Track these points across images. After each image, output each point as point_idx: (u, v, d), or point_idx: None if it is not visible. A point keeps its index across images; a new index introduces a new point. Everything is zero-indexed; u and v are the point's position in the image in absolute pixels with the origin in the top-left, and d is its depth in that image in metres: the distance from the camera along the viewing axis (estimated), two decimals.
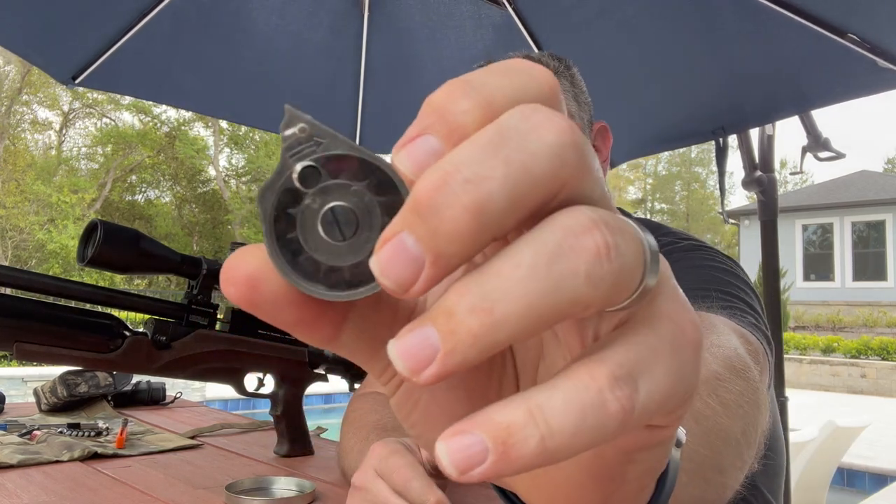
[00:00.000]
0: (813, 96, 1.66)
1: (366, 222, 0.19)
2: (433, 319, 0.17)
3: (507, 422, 0.17)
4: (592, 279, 0.17)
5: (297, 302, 0.19)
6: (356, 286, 0.19)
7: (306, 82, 2.06)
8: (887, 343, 11.27)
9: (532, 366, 0.25)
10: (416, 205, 0.17)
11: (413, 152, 0.18)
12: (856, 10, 1.42)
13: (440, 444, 0.17)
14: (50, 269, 16.16)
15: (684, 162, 31.03)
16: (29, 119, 20.03)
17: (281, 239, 0.19)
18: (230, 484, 0.77)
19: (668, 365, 0.19)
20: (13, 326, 0.77)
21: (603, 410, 0.17)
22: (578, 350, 0.22)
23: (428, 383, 0.17)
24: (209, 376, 0.95)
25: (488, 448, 0.17)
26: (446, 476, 0.51)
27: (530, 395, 0.18)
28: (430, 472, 0.63)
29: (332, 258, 0.19)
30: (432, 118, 0.18)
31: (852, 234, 16.17)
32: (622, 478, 0.23)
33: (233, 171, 22.69)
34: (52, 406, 1.29)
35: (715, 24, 1.58)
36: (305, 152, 0.19)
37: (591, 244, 0.17)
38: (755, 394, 0.52)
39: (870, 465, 5.21)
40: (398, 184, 0.19)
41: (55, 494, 0.77)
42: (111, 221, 0.86)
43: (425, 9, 1.82)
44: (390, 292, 0.17)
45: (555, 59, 1.00)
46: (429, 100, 0.19)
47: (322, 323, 0.20)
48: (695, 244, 0.96)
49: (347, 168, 0.19)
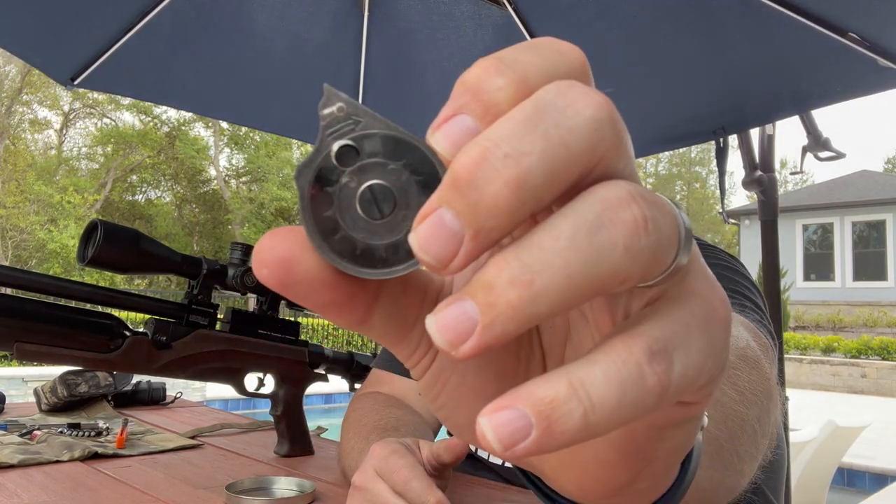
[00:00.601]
0: (813, 96, 1.66)
1: (403, 201, 0.19)
2: (472, 293, 0.17)
3: (551, 396, 0.17)
4: (631, 251, 0.17)
5: (330, 283, 0.19)
6: (392, 264, 0.19)
7: (306, 83, 2.06)
8: (887, 343, 11.26)
9: (559, 347, 0.25)
10: (456, 180, 0.17)
11: (449, 131, 0.18)
12: (856, 10, 1.42)
13: (483, 419, 0.17)
14: (50, 269, 16.16)
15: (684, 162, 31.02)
16: (29, 119, 20.03)
17: (318, 217, 0.19)
18: (230, 484, 0.77)
19: (700, 340, 0.19)
20: (13, 326, 0.77)
21: (642, 384, 0.17)
22: (609, 328, 0.22)
23: (466, 357, 0.17)
24: (209, 376, 0.95)
25: (532, 423, 0.17)
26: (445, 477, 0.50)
27: (571, 370, 0.18)
28: (431, 472, 0.63)
29: (368, 236, 0.19)
30: (466, 97, 0.18)
31: (852, 233, 16.16)
32: (651, 455, 0.23)
33: (233, 171, 22.70)
34: (53, 406, 1.29)
35: (715, 23, 1.58)
36: (343, 131, 0.19)
37: (629, 217, 0.17)
38: (767, 383, 0.52)
39: (870, 465, 5.20)
40: (436, 163, 0.19)
41: (55, 494, 0.77)
42: (111, 221, 0.86)
43: (425, 9, 1.82)
44: (430, 268, 0.17)
45: None
46: (462, 79, 0.19)
47: (353, 305, 0.21)
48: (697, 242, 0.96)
49: (385, 147, 0.19)
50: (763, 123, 1.94)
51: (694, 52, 1.69)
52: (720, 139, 1.90)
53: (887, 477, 4.95)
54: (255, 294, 0.99)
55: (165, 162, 21.15)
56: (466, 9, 1.80)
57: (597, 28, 1.70)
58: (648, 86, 1.83)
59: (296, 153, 21.43)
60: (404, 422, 0.86)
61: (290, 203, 20.50)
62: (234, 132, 21.36)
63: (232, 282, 0.95)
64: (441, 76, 1.96)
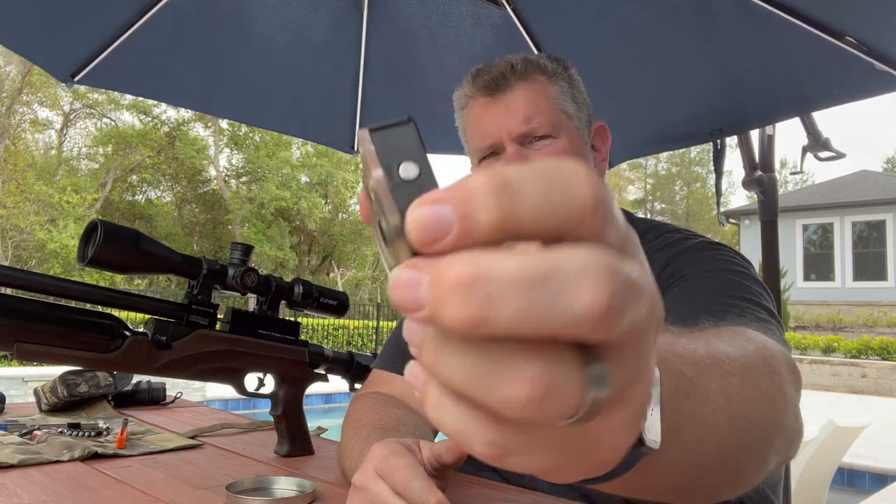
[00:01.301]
0: (811, 99, 1.66)
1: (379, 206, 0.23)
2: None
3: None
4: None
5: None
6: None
7: (306, 81, 2.06)
8: (887, 343, 11.26)
9: None
10: (440, 279, 0.20)
11: (425, 215, 0.21)
12: (853, 14, 1.42)
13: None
14: (50, 269, 16.16)
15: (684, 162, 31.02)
16: (29, 119, 20.03)
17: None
18: (230, 484, 0.77)
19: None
20: (13, 326, 0.77)
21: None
22: None
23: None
24: (209, 376, 0.95)
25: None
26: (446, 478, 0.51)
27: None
28: (431, 472, 0.63)
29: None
30: (457, 200, 0.20)
31: (852, 233, 16.16)
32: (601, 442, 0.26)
33: (233, 171, 22.69)
34: (53, 406, 1.29)
35: (714, 25, 1.58)
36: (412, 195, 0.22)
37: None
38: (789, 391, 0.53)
39: (870, 465, 5.20)
40: (399, 215, 0.22)
41: (55, 494, 0.77)
42: (111, 221, 0.86)
43: (424, 8, 1.82)
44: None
45: (553, 61, 1.01)
46: (468, 180, 0.21)
47: None
48: (707, 243, 0.95)
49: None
50: (761, 126, 1.95)
51: (692, 53, 1.69)
52: (717, 141, 1.90)
53: (887, 477, 4.95)
54: (255, 294, 0.99)
55: (165, 162, 21.14)
56: (465, 8, 1.80)
57: (596, 28, 1.70)
58: (647, 85, 1.83)
59: (296, 153, 21.43)
60: (404, 422, 0.86)
61: (290, 203, 20.50)
62: (234, 132, 21.36)
63: (232, 282, 0.95)
64: (440, 75, 1.96)
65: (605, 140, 1.06)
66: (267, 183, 20.39)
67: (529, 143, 0.96)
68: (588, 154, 1.01)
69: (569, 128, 0.97)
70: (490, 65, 0.99)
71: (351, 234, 23.10)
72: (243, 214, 20.40)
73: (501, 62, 0.98)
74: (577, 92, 1.01)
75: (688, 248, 0.93)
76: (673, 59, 1.72)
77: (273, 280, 1.00)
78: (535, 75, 0.97)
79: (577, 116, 0.99)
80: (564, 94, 0.98)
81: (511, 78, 0.96)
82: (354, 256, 23.58)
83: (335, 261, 23.44)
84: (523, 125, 0.95)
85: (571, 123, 0.98)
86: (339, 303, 1.08)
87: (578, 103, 1.01)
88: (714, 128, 1.83)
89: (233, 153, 22.49)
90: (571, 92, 1.00)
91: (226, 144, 22.01)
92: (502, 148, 0.96)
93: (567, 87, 0.99)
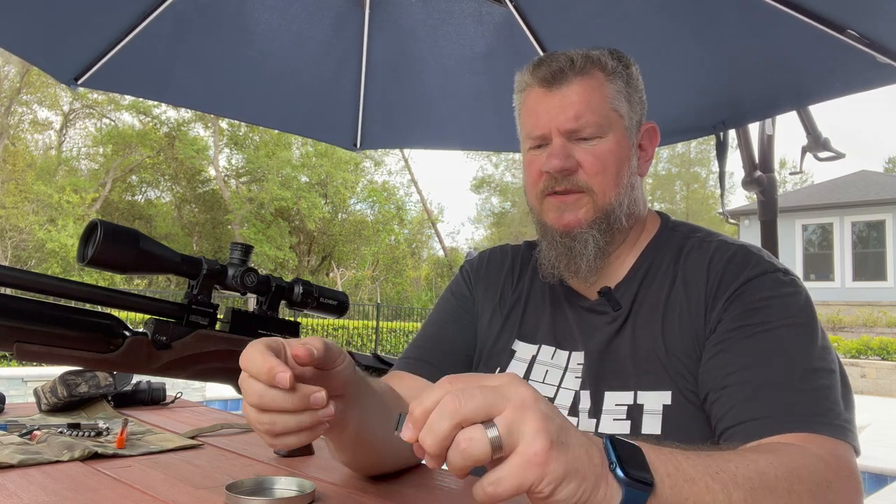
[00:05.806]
0: (813, 91, 1.66)
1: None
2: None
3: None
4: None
5: None
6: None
7: (308, 80, 2.06)
8: (887, 343, 11.26)
9: None
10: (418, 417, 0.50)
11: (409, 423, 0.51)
12: (855, 7, 1.42)
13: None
14: (50, 268, 16.15)
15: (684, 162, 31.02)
16: (29, 119, 20.02)
17: None
18: (230, 484, 0.77)
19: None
20: (13, 326, 0.77)
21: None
22: None
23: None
24: (209, 376, 0.95)
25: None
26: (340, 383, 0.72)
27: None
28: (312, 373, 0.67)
29: None
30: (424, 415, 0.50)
31: (852, 234, 16.16)
32: None
33: (232, 171, 22.69)
34: (53, 406, 1.29)
35: (715, 19, 1.58)
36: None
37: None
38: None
39: (870, 465, 5.20)
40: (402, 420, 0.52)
41: (55, 494, 0.77)
42: (111, 221, 0.86)
43: (426, 7, 1.82)
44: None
45: (615, 58, 1.01)
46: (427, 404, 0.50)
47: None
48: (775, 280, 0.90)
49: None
50: (763, 118, 1.95)
51: (694, 47, 1.69)
52: (720, 133, 1.90)
53: (887, 477, 4.95)
54: (254, 294, 0.99)
55: (165, 162, 21.14)
56: (467, 6, 1.80)
57: (597, 24, 1.70)
58: (649, 81, 1.82)
59: (295, 153, 21.43)
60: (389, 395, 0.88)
61: (289, 203, 20.50)
62: (234, 132, 21.35)
63: (232, 282, 0.95)
64: (441, 73, 1.96)
65: (654, 140, 1.08)
66: (267, 183, 20.38)
67: (577, 139, 0.97)
68: (633, 154, 1.02)
69: (618, 127, 0.99)
70: (551, 56, 1.00)
71: (350, 234, 23.11)
72: (243, 214, 20.39)
73: (562, 56, 0.99)
74: (632, 91, 1.02)
75: (755, 285, 0.89)
76: (675, 53, 1.72)
77: (273, 280, 1.00)
78: (594, 71, 0.98)
79: (628, 116, 1.00)
80: (619, 92, 0.99)
81: (569, 73, 0.97)
82: (354, 256, 23.57)
83: (335, 261, 23.45)
84: (573, 122, 0.96)
85: (622, 122, 0.99)
86: (338, 303, 1.07)
87: (632, 103, 1.01)
88: (717, 120, 1.83)
89: (232, 153, 22.50)
90: (627, 91, 1.01)
91: (225, 144, 22.00)
92: (550, 139, 0.98)
93: (623, 87, 1.00)
